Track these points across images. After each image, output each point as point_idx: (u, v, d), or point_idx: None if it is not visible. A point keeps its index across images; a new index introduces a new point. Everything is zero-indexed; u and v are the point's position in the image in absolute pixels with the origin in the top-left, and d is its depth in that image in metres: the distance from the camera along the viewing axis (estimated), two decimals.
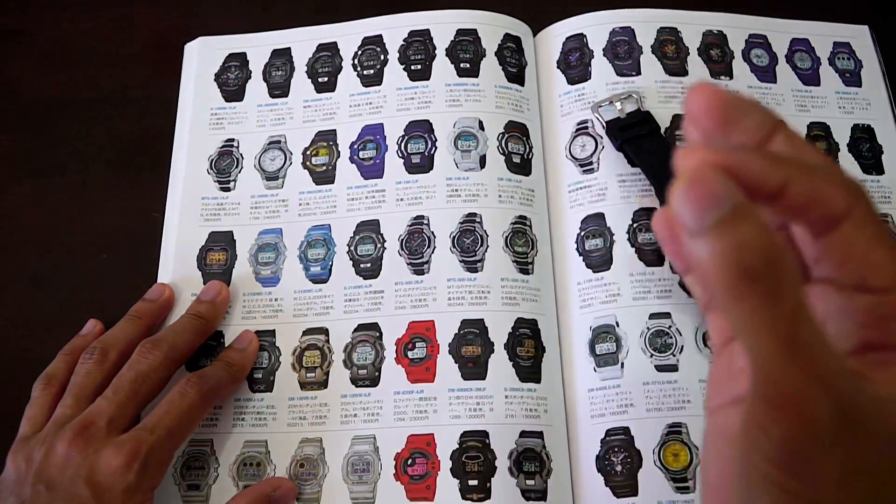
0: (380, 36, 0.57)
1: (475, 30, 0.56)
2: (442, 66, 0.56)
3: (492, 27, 0.57)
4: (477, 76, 0.55)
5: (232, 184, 0.54)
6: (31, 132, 0.58)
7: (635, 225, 0.52)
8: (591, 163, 0.54)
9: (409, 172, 0.53)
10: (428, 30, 0.57)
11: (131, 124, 0.58)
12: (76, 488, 0.40)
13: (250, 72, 0.58)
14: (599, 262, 0.51)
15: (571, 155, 0.54)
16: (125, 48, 0.60)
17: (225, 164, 0.55)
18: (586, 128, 0.54)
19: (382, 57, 0.57)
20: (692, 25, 0.58)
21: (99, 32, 0.61)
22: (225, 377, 0.47)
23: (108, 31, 0.61)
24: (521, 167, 0.53)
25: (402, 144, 0.54)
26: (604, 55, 0.56)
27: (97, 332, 0.50)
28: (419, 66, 0.56)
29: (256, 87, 0.57)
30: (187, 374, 0.45)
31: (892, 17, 0.61)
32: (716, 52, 0.57)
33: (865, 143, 0.56)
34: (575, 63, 0.57)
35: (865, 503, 0.22)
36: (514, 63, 0.56)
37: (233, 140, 0.56)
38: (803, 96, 0.57)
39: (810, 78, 0.58)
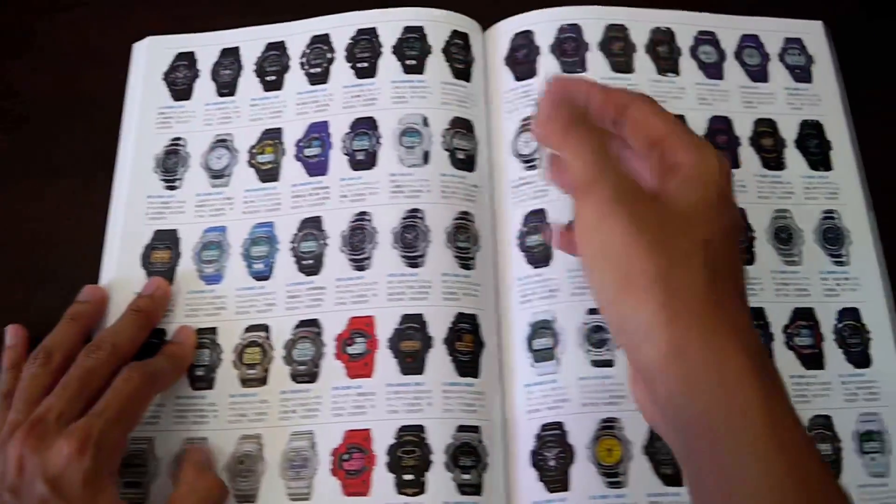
0: (327, 35, 0.58)
1: (422, 27, 0.57)
2: (388, 63, 0.56)
3: (439, 24, 0.57)
4: (422, 73, 0.55)
5: (178, 182, 0.54)
6: (31, 132, 0.58)
7: None
8: (534, 159, 0.53)
9: (354, 169, 0.53)
10: (375, 28, 0.57)
11: None
12: (36, 488, 0.39)
13: (198, 71, 0.58)
14: (539, 257, 0.51)
15: (516, 151, 0.54)
16: (126, 48, 0.60)
17: (171, 163, 0.55)
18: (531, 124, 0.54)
19: (329, 55, 0.57)
20: (640, 22, 0.58)
21: (99, 32, 0.61)
22: (167, 365, 0.47)
23: (109, 32, 0.61)
24: (466, 163, 0.53)
25: (348, 142, 0.54)
26: (551, 52, 0.56)
27: (22, 338, 0.49)
28: (365, 64, 0.56)
29: (204, 86, 0.57)
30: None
31: (847, 12, 0.61)
32: (663, 49, 0.57)
33: (813, 140, 0.55)
34: (522, 60, 0.57)
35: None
36: (460, 59, 0.56)
37: (180, 139, 0.56)
38: (750, 93, 0.57)
39: (758, 74, 0.57)
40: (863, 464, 0.48)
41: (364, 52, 0.56)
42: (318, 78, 0.56)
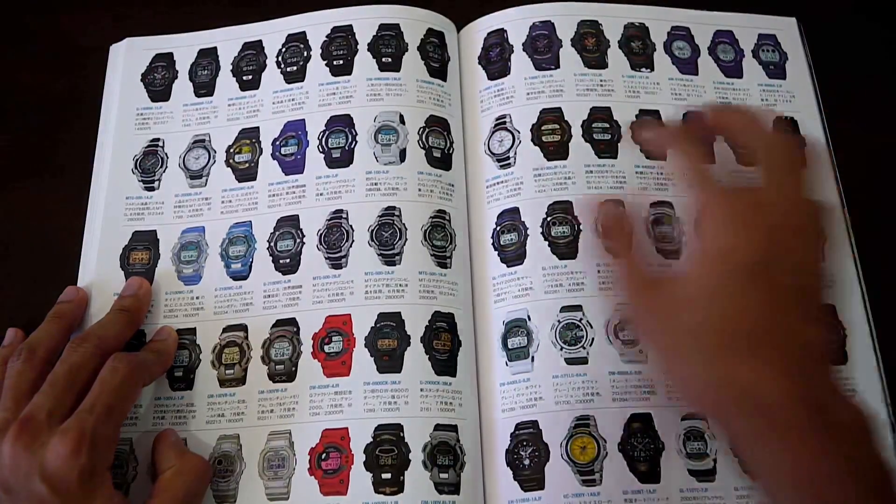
0: (303, 32, 0.58)
1: (398, 24, 0.56)
2: (364, 60, 0.56)
3: (415, 22, 0.57)
4: (398, 70, 0.55)
5: (156, 183, 0.55)
6: (31, 132, 0.58)
7: (549, 218, 0.51)
8: (507, 157, 0.54)
9: (330, 167, 0.53)
10: (350, 25, 0.57)
11: None
12: (32, 486, 0.39)
13: (177, 72, 0.58)
14: (513, 256, 0.51)
15: (490, 150, 0.54)
16: None
17: (150, 164, 0.55)
18: (504, 123, 0.54)
19: (305, 53, 0.57)
20: (614, 18, 0.58)
21: (99, 32, 0.61)
22: (151, 357, 0.47)
23: (109, 31, 0.61)
24: (442, 161, 0.53)
25: (324, 139, 0.54)
26: (523, 50, 0.56)
27: (19, 340, 0.50)
28: (341, 62, 0.56)
29: (182, 87, 0.57)
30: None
31: (821, 9, 0.60)
32: (637, 44, 0.57)
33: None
34: (495, 59, 0.57)
35: None
36: (436, 58, 0.56)
37: (158, 140, 0.56)
38: (725, 88, 0.57)
39: (732, 70, 0.57)
40: None
41: (340, 50, 0.56)
42: (295, 76, 0.56)
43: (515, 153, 0.53)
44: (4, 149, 0.58)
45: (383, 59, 0.56)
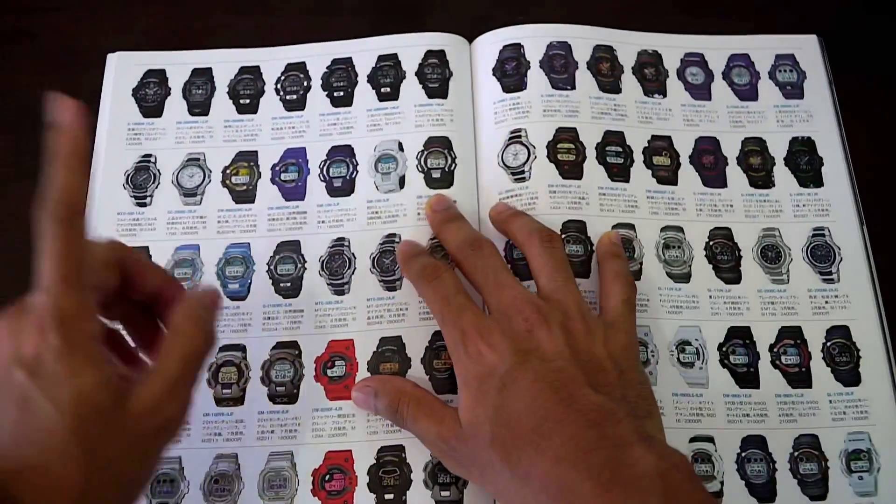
0: (303, 63, 0.59)
1: (395, 54, 0.58)
2: (363, 92, 0.57)
3: (412, 48, 0.58)
4: (397, 99, 0.57)
5: (148, 199, 0.54)
6: (31, 132, 0.56)
7: (564, 236, 0.52)
8: (522, 171, 0.54)
9: (331, 195, 0.54)
10: (350, 58, 0.59)
11: None
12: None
13: (169, 89, 0.58)
14: (524, 272, 0.50)
15: (504, 163, 0.55)
16: (125, 48, 0.59)
17: (141, 180, 0.55)
18: (520, 136, 0.55)
19: (305, 83, 0.58)
20: (628, 45, 0.59)
21: (99, 33, 0.60)
22: None
23: (109, 32, 0.60)
24: (442, 181, 0.54)
25: (324, 168, 0.55)
26: (540, 67, 0.57)
27: None
28: (342, 94, 0.57)
29: (175, 105, 0.57)
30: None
31: (842, 25, 0.61)
32: (650, 70, 0.58)
33: (804, 157, 0.56)
34: (511, 72, 0.57)
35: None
36: (435, 78, 0.57)
37: (150, 155, 0.55)
38: (739, 112, 0.58)
39: (747, 93, 0.58)
40: (850, 483, 0.48)
41: (340, 82, 0.58)
42: (294, 105, 0.57)
43: (530, 168, 0.54)
44: (3, 151, 0.56)
45: (382, 90, 0.57)
